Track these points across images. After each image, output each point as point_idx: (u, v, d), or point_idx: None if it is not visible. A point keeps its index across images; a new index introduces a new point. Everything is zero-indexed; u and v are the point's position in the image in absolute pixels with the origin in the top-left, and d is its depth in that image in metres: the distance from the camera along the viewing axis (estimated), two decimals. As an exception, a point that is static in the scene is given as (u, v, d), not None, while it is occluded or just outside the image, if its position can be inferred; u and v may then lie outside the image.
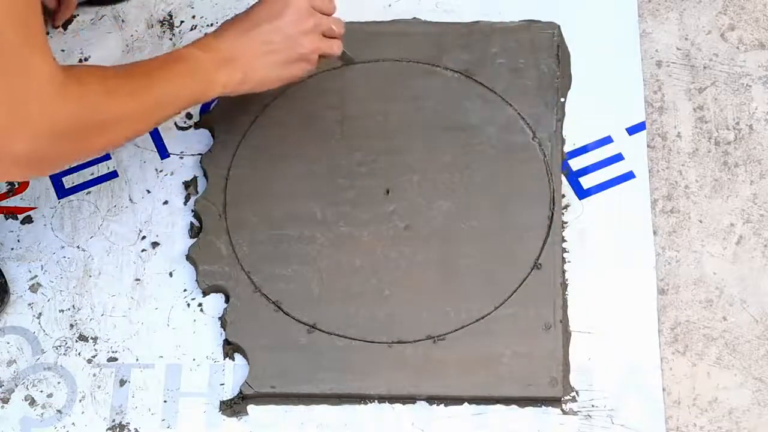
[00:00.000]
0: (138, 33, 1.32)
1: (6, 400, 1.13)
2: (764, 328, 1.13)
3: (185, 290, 1.17)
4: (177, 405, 1.12)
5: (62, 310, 1.17)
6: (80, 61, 1.30)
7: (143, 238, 1.20)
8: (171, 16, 1.33)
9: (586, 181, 1.19)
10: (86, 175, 1.24)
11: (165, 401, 1.12)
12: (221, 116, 1.23)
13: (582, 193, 1.19)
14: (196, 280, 1.16)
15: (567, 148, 1.21)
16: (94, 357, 1.14)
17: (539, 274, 1.13)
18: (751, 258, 1.16)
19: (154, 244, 1.19)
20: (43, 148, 0.92)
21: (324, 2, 1.13)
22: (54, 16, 1.30)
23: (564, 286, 1.13)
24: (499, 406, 1.09)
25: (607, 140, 1.21)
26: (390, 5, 1.31)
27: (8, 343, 1.16)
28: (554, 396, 1.09)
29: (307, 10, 1.11)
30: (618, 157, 1.20)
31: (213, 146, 1.22)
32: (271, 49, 1.09)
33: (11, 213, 1.22)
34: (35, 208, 1.22)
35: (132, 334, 1.15)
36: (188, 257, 1.17)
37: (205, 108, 1.26)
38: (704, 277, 1.15)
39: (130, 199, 1.22)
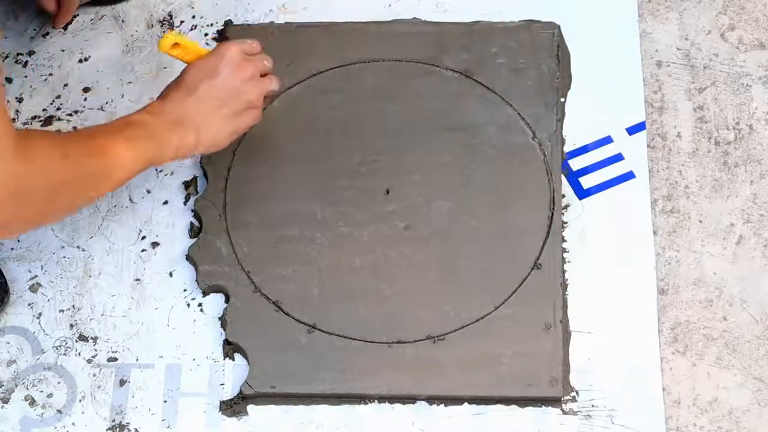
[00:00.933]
0: (138, 33, 1.32)
1: (6, 400, 1.13)
2: (764, 328, 1.13)
3: (185, 290, 1.17)
4: (177, 405, 1.12)
5: (62, 310, 1.17)
6: (80, 61, 1.30)
7: (143, 238, 1.20)
8: (171, 16, 1.33)
9: (586, 181, 1.19)
10: (86, 175, 1.24)
11: (165, 401, 1.12)
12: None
13: (582, 193, 1.19)
14: (196, 280, 1.16)
15: (567, 148, 1.21)
16: (94, 357, 1.14)
17: (539, 274, 1.13)
18: (751, 258, 1.16)
19: (154, 244, 1.19)
20: (2, 210, 0.90)
21: (251, 45, 1.13)
22: (54, 20, 1.30)
23: (564, 286, 1.13)
24: (499, 406, 1.09)
25: (607, 140, 1.21)
26: (390, 5, 1.31)
27: (8, 343, 1.16)
28: (554, 396, 1.09)
29: (241, 58, 1.11)
30: (618, 157, 1.20)
31: (213, 146, 1.22)
32: (218, 105, 1.09)
33: (11, 213, 1.22)
34: (35, 208, 1.22)
35: (132, 334, 1.15)
36: (188, 257, 1.17)
37: (205, 108, 1.26)
38: (704, 277, 1.15)
39: (130, 199, 1.22)
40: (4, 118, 0.89)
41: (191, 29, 1.31)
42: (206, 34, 1.31)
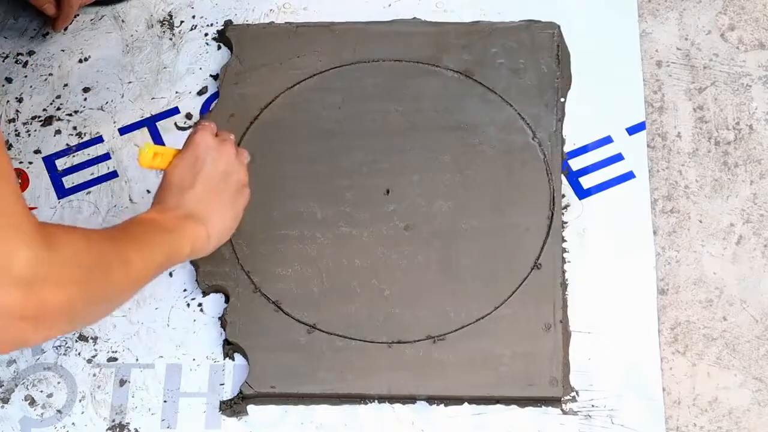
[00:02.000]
0: (138, 33, 1.32)
1: (6, 400, 1.13)
2: (764, 328, 1.13)
3: (185, 290, 1.17)
4: (177, 405, 1.12)
5: (62, 310, 1.17)
6: (80, 61, 1.30)
7: (143, 238, 1.20)
8: (171, 16, 1.33)
9: (586, 181, 1.19)
10: (86, 175, 1.24)
11: (165, 401, 1.12)
12: (221, 116, 1.23)
13: (582, 193, 1.19)
14: (196, 280, 1.16)
15: (567, 148, 1.21)
16: (94, 357, 1.14)
17: (539, 274, 1.13)
18: (751, 258, 1.16)
19: (154, 244, 1.19)
20: (36, 299, 0.81)
21: (212, 126, 1.08)
22: (54, 23, 1.30)
23: (564, 286, 1.13)
24: (499, 406, 1.09)
25: (607, 140, 1.21)
26: (390, 5, 1.31)
27: (8, 343, 1.16)
28: (554, 396, 1.09)
29: (215, 140, 1.06)
30: (618, 157, 1.20)
31: (213, 146, 1.22)
32: (215, 194, 1.04)
33: (11, 213, 1.21)
34: (35, 207, 1.22)
35: (132, 334, 1.15)
36: (188, 257, 1.17)
37: (205, 108, 1.26)
38: (704, 277, 1.15)
39: (130, 199, 1.22)
40: (20, 201, 0.82)
41: (191, 29, 1.31)
42: (206, 34, 1.31)
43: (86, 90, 1.29)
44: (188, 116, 1.26)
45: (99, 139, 1.26)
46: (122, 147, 1.25)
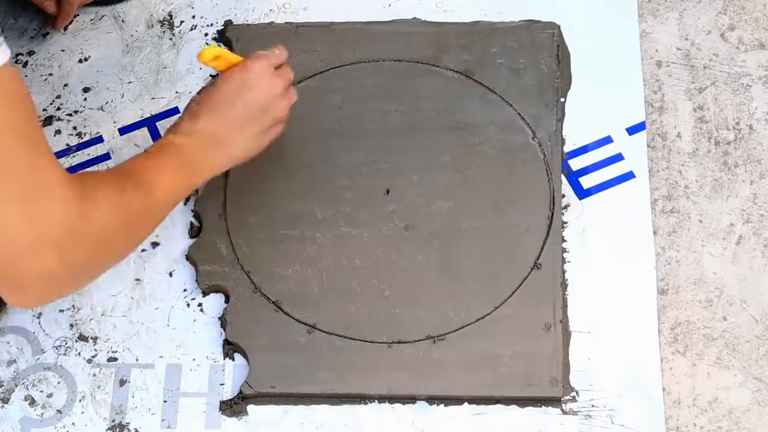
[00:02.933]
0: (138, 33, 1.32)
1: (6, 400, 1.13)
2: (764, 328, 1.13)
3: (185, 290, 1.17)
4: (177, 405, 1.12)
5: (62, 310, 1.17)
6: (80, 61, 1.30)
7: (143, 238, 1.20)
8: (171, 16, 1.33)
9: (586, 181, 1.19)
10: (86, 175, 1.24)
11: (165, 401, 1.12)
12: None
13: (582, 193, 1.19)
14: (196, 280, 1.16)
15: (567, 148, 1.21)
16: (94, 357, 1.14)
17: (539, 274, 1.13)
18: (751, 258, 1.16)
19: (154, 244, 1.19)
20: (71, 258, 0.91)
21: (278, 55, 1.10)
22: (54, 21, 1.30)
23: (564, 286, 1.13)
24: (499, 406, 1.09)
25: (607, 140, 1.21)
26: (390, 5, 1.31)
27: (8, 343, 1.16)
28: (554, 396, 1.09)
29: (270, 73, 1.08)
30: (618, 157, 1.20)
31: (213, 146, 1.22)
32: (248, 123, 1.08)
33: (11, 213, 1.22)
34: (35, 208, 1.22)
35: (132, 334, 1.15)
36: (188, 257, 1.17)
37: (205, 108, 1.26)
38: (704, 277, 1.15)
39: (130, 199, 1.22)
40: (57, 166, 0.90)
41: (191, 29, 1.31)
42: (206, 34, 1.31)
43: (86, 90, 1.29)
44: (188, 116, 1.26)
45: (99, 139, 1.26)
46: (122, 147, 1.25)
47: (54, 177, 0.89)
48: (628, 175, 1.19)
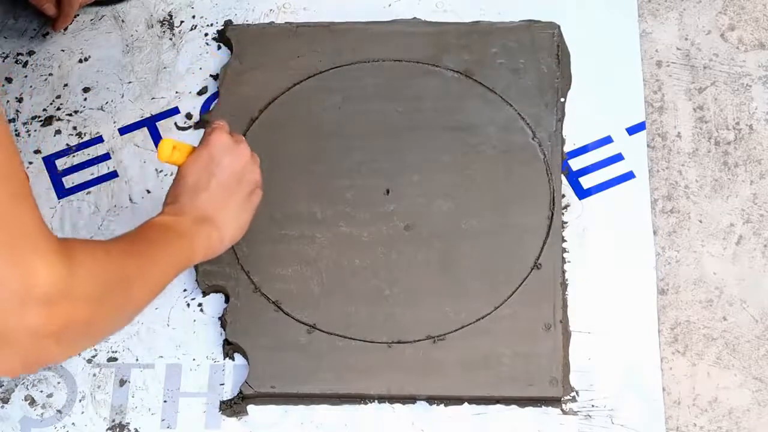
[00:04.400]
0: (138, 33, 1.32)
1: (6, 400, 1.13)
2: (764, 328, 1.13)
3: (185, 290, 1.17)
4: (177, 405, 1.12)
5: (62, 310, 1.17)
6: (80, 61, 1.30)
7: (143, 238, 1.19)
8: (171, 16, 1.33)
9: (586, 181, 1.19)
10: (86, 175, 1.24)
11: (165, 401, 1.12)
12: (221, 116, 1.23)
13: (582, 193, 1.19)
14: (196, 280, 1.16)
15: (567, 148, 1.21)
16: (94, 357, 1.14)
17: (539, 274, 1.13)
18: (751, 258, 1.16)
19: (154, 244, 1.19)
20: (59, 314, 0.83)
21: (226, 125, 1.07)
22: (54, 23, 1.30)
23: (564, 286, 1.13)
24: (499, 406, 1.09)
25: (607, 140, 1.21)
26: (390, 5, 1.31)
27: (8, 343, 1.15)
28: (554, 396, 1.09)
29: (230, 141, 1.05)
30: (618, 157, 1.20)
31: (213, 146, 1.22)
32: (229, 195, 1.04)
33: (11, 213, 1.21)
34: (35, 208, 1.22)
35: (132, 334, 1.15)
36: (188, 257, 1.17)
37: (205, 108, 1.26)
38: (704, 277, 1.15)
39: (130, 199, 1.22)
40: (38, 219, 0.83)
41: (191, 29, 1.31)
42: (206, 34, 1.31)
43: (86, 90, 1.29)
44: (188, 116, 1.26)
45: (99, 139, 1.26)
46: (122, 147, 1.25)
47: (38, 229, 0.83)
48: (628, 175, 1.19)
